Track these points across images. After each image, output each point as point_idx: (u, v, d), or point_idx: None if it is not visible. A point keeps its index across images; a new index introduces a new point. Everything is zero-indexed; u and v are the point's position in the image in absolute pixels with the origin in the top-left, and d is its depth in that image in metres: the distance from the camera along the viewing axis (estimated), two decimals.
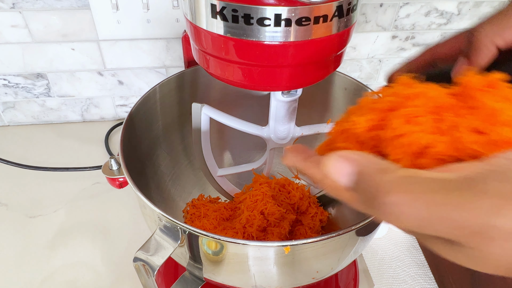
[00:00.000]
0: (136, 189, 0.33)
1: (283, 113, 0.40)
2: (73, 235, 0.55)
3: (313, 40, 0.27)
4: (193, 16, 0.29)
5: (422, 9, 0.69)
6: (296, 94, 0.38)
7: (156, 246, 0.31)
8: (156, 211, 0.31)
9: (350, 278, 0.49)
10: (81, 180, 0.63)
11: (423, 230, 0.16)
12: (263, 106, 0.43)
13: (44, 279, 0.49)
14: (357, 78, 0.76)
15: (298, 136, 0.44)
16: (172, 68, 0.70)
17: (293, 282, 0.36)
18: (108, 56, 0.67)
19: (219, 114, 0.42)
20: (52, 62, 0.66)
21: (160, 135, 0.50)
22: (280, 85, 0.31)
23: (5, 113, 0.72)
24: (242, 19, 0.26)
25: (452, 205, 0.15)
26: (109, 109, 0.75)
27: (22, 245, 0.53)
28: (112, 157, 0.39)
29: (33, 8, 0.60)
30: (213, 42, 0.29)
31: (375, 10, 0.68)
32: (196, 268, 0.36)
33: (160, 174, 0.50)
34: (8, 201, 0.59)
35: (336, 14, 0.27)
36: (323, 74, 0.32)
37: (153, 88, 0.46)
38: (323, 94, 0.52)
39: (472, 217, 0.15)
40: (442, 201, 0.15)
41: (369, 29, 0.70)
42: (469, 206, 0.15)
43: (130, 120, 0.42)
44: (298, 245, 0.29)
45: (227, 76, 0.31)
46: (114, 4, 0.59)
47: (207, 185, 0.53)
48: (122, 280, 0.49)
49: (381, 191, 0.16)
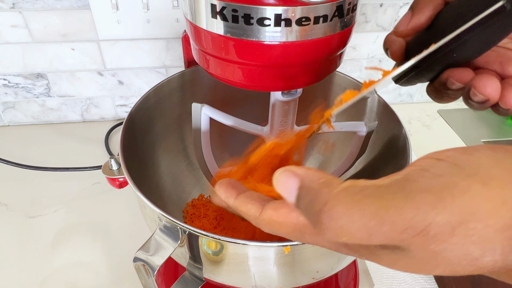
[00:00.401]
0: (136, 189, 0.33)
1: (283, 113, 0.40)
2: (73, 235, 0.55)
3: (313, 40, 0.27)
4: (193, 16, 0.29)
5: None
6: (296, 94, 0.38)
7: (156, 246, 0.31)
8: (156, 211, 0.31)
9: (350, 278, 0.49)
10: (81, 180, 0.63)
11: (365, 240, 0.15)
12: (263, 106, 0.43)
13: (44, 279, 0.49)
14: (357, 78, 0.76)
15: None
16: (172, 68, 0.70)
17: (293, 282, 0.36)
18: (108, 56, 0.67)
19: (219, 114, 0.42)
20: (52, 62, 0.66)
21: (160, 135, 0.50)
22: (280, 85, 0.31)
23: (5, 113, 0.72)
24: (242, 19, 0.26)
25: (388, 208, 0.14)
26: (109, 109, 0.75)
27: (22, 245, 0.53)
28: (112, 157, 0.39)
29: (33, 8, 0.60)
30: (213, 42, 0.29)
31: (375, 10, 0.68)
32: (196, 268, 0.36)
33: (160, 174, 0.50)
34: (8, 201, 0.59)
35: (336, 14, 0.27)
36: (323, 74, 0.32)
37: (153, 88, 0.46)
38: (323, 94, 0.52)
39: (409, 217, 0.14)
40: (378, 205, 0.15)
41: (369, 29, 0.70)
42: (403, 206, 0.14)
43: (130, 120, 0.42)
44: (298, 245, 0.29)
45: (227, 76, 0.31)
46: (114, 4, 0.59)
47: (207, 185, 0.53)
48: (122, 280, 0.49)
49: (320, 203, 0.16)
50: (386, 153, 0.44)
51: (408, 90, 0.82)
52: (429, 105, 0.84)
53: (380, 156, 0.45)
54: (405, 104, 0.84)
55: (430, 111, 0.82)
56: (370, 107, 0.47)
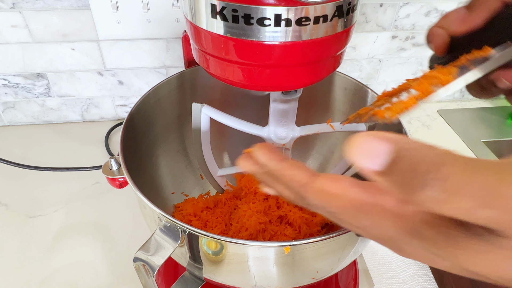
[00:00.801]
0: (136, 189, 0.33)
1: (283, 113, 0.40)
2: (73, 235, 0.55)
3: (313, 40, 0.27)
4: (193, 16, 0.29)
5: (422, 9, 0.69)
6: (296, 94, 0.38)
7: (156, 246, 0.31)
8: (156, 211, 0.31)
9: (350, 278, 0.49)
10: (81, 180, 0.63)
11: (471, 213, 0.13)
12: (263, 106, 0.43)
13: (44, 279, 0.49)
14: (357, 78, 0.76)
15: (298, 136, 0.44)
16: (172, 68, 0.70)
17: (293, 282, 0.36)
18: (108, 56, 0.67)
19: (219, 114, 0.42)
20: (52, 62, 0.66)
21: (160, 135, 0.50)
22: (280, 85, 0.31)
23: (5, 113, 0.72)
24: (242, 19, 0.26)
25: (509, 183, 0.12)
26: (109, 109, 0.75)
27: (22, 245, 0.53)
28: (112, 157, 0.39)
29: (33, 8, 0.60)
30: (213, 42, 0.29)
31: (375, 10, 0.68)
32: (196, 268, 0.36)
33: (160, 174, 0.50)
34: (8, 201, 0.59)
35: (336, 14, 0.27)
36: (323, 74, 0.32)
37: (153, 88, 0.46)
38: (323, 94, 0.52)
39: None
40: (497, 178, 0.13)
41: (369, 29, 0.70)
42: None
43: (130, 120, 0.42)
44: (298, 245, 0.29)
45: (227, 76, 0.31)
46: (114, 4, 0.59)
47: (207, 185, 0.53)
48: (122, 280, 0.49)
49: (433, 163, 0.14)
50: None
51: None
52: (429, 105, 0.84)
53: None
54: None
55: (430, 111, 0.82)
56: None
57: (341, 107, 0.51)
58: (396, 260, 0.51)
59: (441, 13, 0.70)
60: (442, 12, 0.70)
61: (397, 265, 0.51)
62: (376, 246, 0.53)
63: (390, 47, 0.74)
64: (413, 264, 0.51)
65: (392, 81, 0.80)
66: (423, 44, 0.74)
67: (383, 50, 0.74)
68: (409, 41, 0.73)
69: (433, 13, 0.70)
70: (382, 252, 0.52)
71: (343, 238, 0.31)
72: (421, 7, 0.69)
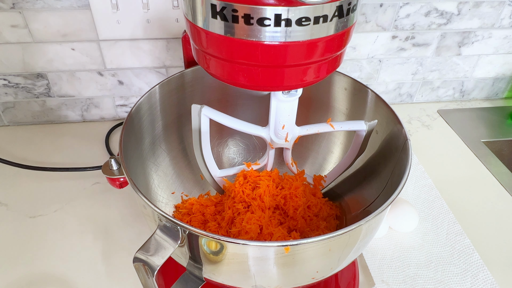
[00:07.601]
0: (136, 189, 0.33)
1: (283, 113, 0.40)
2: (73, 235, 0.55)
3: (313, 40, 0.27)
4: (193, 16, 0.29)
5: (422, 9, 0.69)
6: (296, 94, 0.38)
7: (156, 246, 0.31)
8: (156, 211, 0.31)
9: (350, 278, 0.49)
10: (81, 180, 0.63)
11: None
12: (263, 106, 0.43)
13: (44, 278, 0.49)
14: (357, 78, 0.76)
15: (298, 136, 0.44)
16: (172, 68, 0.70)
17: (293, 282, 0.36)
18: (108, 56, 0.67)
19: (219, 115, 0.42)
20: (52, 62, 0.66)
21: (160, 135, 0.50)
22: (280, 85, 0.31)
23: (5, 113, 0.72)
24: (242, 19, 0.26)
25: None
26: (109, 109, 0.75)
27: (22, 245, 0.53)
28: (112, 157, 0.39)
29: (33, 8, 0.60)
30: (213, 42, 0.29)
31: (375, 10, 0.68)
32: (196, 268, 0.36)
33: (160, 174, 0.50)
34: (8, 201, 0.59)
35: (336, 14, 0.27)
36: (323, 74, 0.32)
37: (153, 88, 0.46)
38: (323, 94, 0.52)
39: None
40: None
41: (369, 29, 0.70)
42: None
43: (130, 120, 0.42)
44: (298, 245, 0.29)
45: (227, 76, 0.31)
46: (114, 4, 0.59)
47: (207, 185, 0.53)
48: (122, 280, 0.49)
49: None
50: (386, 152, 0.44)
51: (408, 90, 0.82)
52: (429, 105, 0.84)
53: (380, 156, 0.46)
54: (405, 104, 0.84)
55: (430, 111, 0.82)
56: (370, 106, 0.47)
57: (341, 107, 0.51)
58: (396, 260, 0.51)
59: (441, 13, 0.70)
60: (442, 12, 0.70)
61: (397, 265, 0.51)
62: (376, 246, 0.53)
63: (390, 47, 0.74)
64: (413, 264, 0.51)
65: (392, 81, 0.80)
66: (423, 44, 0.74)
67: (383, 50, 0.74)
68: (409, 41, 0.73)
69: (433, 13, 0.70)
70: (382, 252, 0.52)
71: (343, 238, 0.31)
72: (421, 7, 0.69)
